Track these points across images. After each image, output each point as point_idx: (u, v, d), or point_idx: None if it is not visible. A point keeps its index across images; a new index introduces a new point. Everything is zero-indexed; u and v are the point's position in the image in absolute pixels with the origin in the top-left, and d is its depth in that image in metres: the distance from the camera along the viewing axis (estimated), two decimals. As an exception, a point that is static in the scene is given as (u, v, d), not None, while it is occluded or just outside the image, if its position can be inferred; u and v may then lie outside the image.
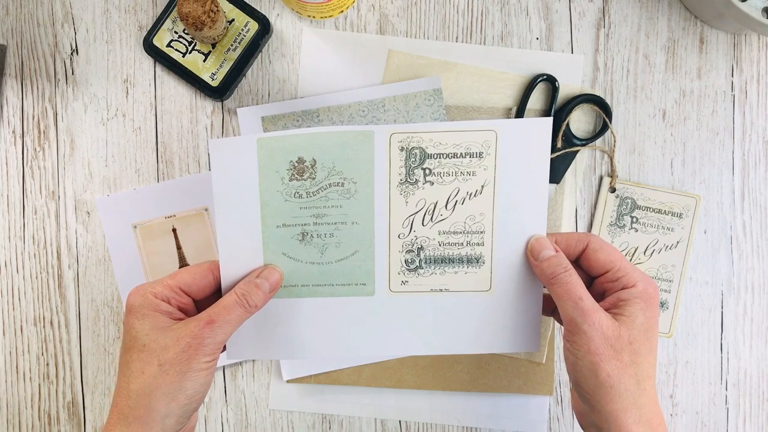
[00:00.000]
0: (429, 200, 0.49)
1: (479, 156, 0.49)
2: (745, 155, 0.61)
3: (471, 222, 0.50)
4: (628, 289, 0.46)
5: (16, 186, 0.59)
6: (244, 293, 0.46)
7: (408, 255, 0.50)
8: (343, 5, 0.57)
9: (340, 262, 0.50)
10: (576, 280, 0.46)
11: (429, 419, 0.60)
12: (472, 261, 0.50)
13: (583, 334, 0.44)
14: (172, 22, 0.57)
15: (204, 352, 0.43)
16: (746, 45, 0.61)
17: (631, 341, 0.44)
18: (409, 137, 0.48)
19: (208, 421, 0.60)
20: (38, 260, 0.59)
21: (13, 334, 0.59)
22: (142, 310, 0.44)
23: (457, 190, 0.49)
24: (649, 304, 0.45)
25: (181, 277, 0.46)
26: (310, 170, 0.48)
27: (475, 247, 0.50)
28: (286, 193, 0.48)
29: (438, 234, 0.50)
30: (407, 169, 0.49)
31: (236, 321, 0.45)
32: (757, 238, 0.61)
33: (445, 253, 0.50)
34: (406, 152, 0.49)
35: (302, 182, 0.48)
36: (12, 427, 0.59)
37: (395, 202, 0.49)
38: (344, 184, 0.49)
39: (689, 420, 0.61)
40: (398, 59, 0.59)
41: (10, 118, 0.59)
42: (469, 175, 0.49)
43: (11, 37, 0.59)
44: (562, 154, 0.59)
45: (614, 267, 0.47)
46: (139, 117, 0.59)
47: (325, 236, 0.49)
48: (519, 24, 0.60)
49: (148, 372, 0.43)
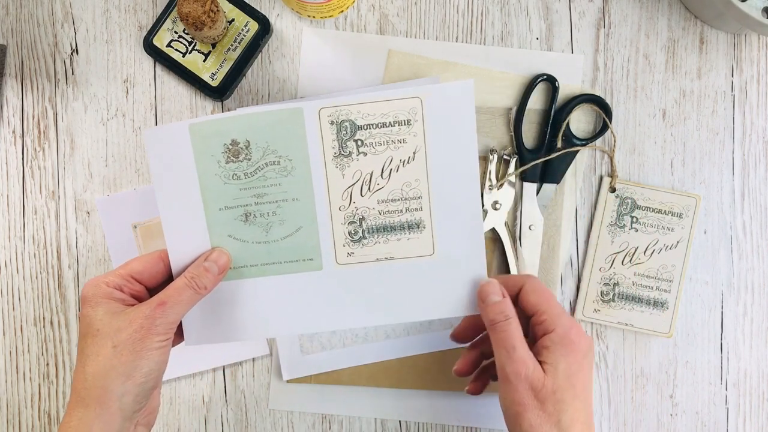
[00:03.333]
0: (365, 171, 0.50)
1: (407, 123, 0.49)
2: (745, 155, 0.61)
3: (407, 188, 0.50)
4: (549, 334, 0.47)
5: (16, 186, 0.59)
6: (194, 276, 0.47)
7: (351, 227, 0.50)
8: (343, 5, 0.57)
9: (285, 239, 0.50)
10: (514, 329, 0.46)
11: (429, 419, 0.60)
12: (413, 227, 0.51)
13: (510, 384, 0.45)
14: (172, 22, 0.57)
15: (156, 332, 0.45)
16: (746, 45, 0.61)
17: (555, 390, 0.45)
18: (338, 110, 0.49)
19: (208, 421, 0.60)
20: (38, 260, 0.59)
21: (13, 334, 0.59)
22: (95, 298, 0.45)
23: (390, 159, 0.50)
24: (570, 349, 0.46)
25: (132, 265, 0.47)
26: (245, 151, 0.49)
27: (414, 213, 0.50)
28: (224, 175, 0.49)
29: (377, 203, 0.50)
30: (340, 142, 0.49)
31: (187, 302, 0.47)
32: (757, 238, 0.61)
33: (386, 221, 0.50)
34: (336, 126, 0.49)
35: (239, 164, 0.49)
36: (12, 427, 0.59)
37: (332, 176, 0.50)
38: (280, 162, 0.49)
39: (689, 420, 0.61)
40: (398, 59, 0.59)
41: (10, 118, 0.59)
42: (400, 143, 0.50)
43: (11, 37, 0.59)
44: (562, 154, 0.59)
45: (539, 310, 0.48)
46: (139, 117, 0.59)
47: (268, 215, 0.50)
48: (519, 24, 0.60)
49: (102, 354, 0.44)
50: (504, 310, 0.47)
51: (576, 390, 0.46)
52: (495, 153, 0.59)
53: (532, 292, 0.48)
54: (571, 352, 0.46)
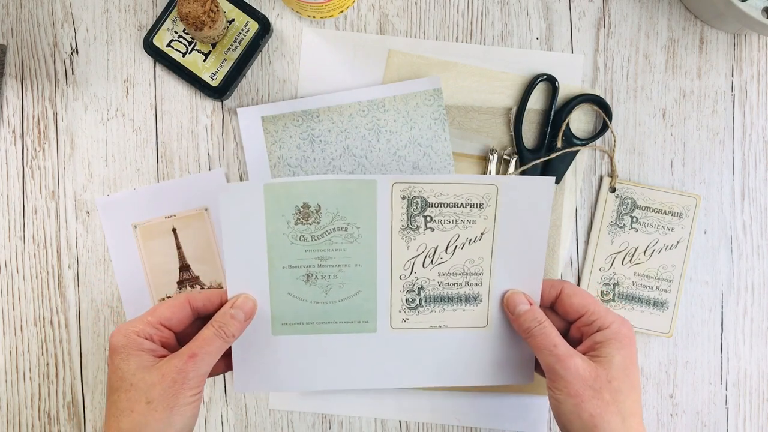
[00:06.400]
0: (430, 245, 0.51)
1: (480, 207, 0.51)
2: (745, 155, 0.61)
3: (470, 265, 0.52)
4: (602, 331, 0.48)
5: (16, 186, 0.59)
6: (221, 324, 0.48)
7: (409, 294, 0.52)
8: (343, 5, 0.57)
9: (343, 301, 0.51)
10: (550, 330, 0.48)
11: (429, 419, 0.60)
12: (470, 299, 0.52)
13: (561, 379, 0.46)
14: (172, 22, 0.57)
15: (189, 386, 0.45)
16: (746, 45, 0.61)
17: (610, 380, 0.46)
18: (411, 187, 0.50)
19: (208, 421, 0.60)
20: (38, 260, 0.59)
21: (13, 334, 0.59)
22: (126, 350, 0.45)
23: (457, 236, 0.51)
24: (624, 343, 0.47)
25: (161, 312, 0.47)
26: (315, 215, 0.50)
27: (473, 287, 0.52)
28: (292, 236, 0.50)
29: (438, 275, 0.52)
30: (409, 216, 0.51)
31: (216, 352, 0.47)
32: (757, 238, 0.61)
33: (444, 292, 0.52)
34: (407, 201, 0.51)
35: (307, 226, 0.50)
36: (12, 427, 0.59)
37: (397, 247, 0.51)
38: (348, 228, 0.50)
39: (689, 420, 0.61)
40: (398, 59, 0.59)
41: (10, 118, 0.59)
42: (469, 224, 0.51)
43: (11, 37, 0.59)
44: (562, 154, 0.59)
45: (588, 311, 0.49)
46: (139, 117, 0.59)
47: (329, 277, 0.51)
48: (519, 24, 0.60)
49: (137, 410, 0.44)
50: (536, 317, 0.49)
51: (632, 381, 0.47)
52: (495, 153, 0.59)
53: (574, 295, 0.50)
54: (626, 346, 0.47)
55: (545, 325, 0.48)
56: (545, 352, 0.47)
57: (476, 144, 0.59)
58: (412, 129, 0.58)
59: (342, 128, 0.58)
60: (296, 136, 0.58)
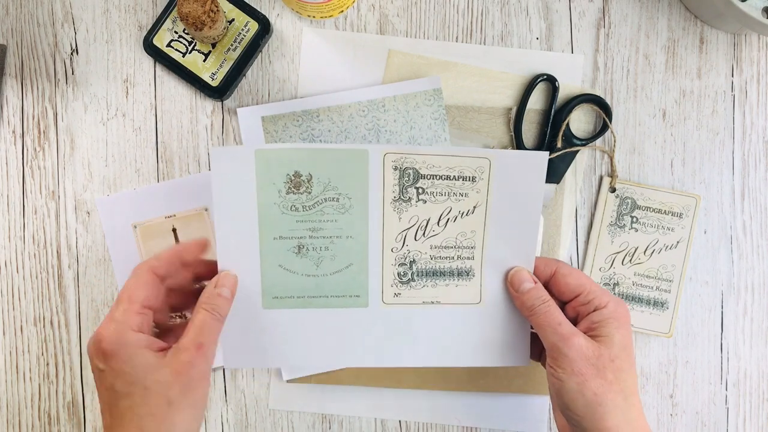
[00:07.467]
0: (422, 217, 0.51)
1: (472, 180, 0.50)
2: (745, 155, 0.61)
3: (462, 238, 0.51)
4: (600, 310, 0.48)
5: (16, 186, 0.59)
6: (213, 307, 0.46)
7: (401, 268, 0.51)
8: (343, 5, 0.57)
9: (334, 274, 0.51)
10: (554, 308, 0.48)
11: (429, 419, 0.60)
12: (462, 274, 0.51)
13: (565, 357, 0.46)
14: (172, 22, 0.57)
15: (204, 377, 0.44)
16: (746, 45, 0.61)
17: (613, 359, 0.46)
18: (403, 158, 0.50)
19: (208, 421, 0.60)
20: (38, 260, 0.59)
21: (13, 334, 0.59)
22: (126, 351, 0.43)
23: (449, 209, 0.51)
24: (621, 323, 0.47)
25: (137, 295, 0.45)
26: (307, 184, 0.49)
27: (465, 261, 0.51)
28: (283, 205, 0.49)
29: (430, 248, 0.51)
30: (401, 187, 0.50)
31: (217, 335, 0.46)
32: (757, 238, 0.61)
33: (437, 266, 0.51)
34: (399, 171, 0.50)
35: (299, 196, 0.49)
36: (12, 427, 0.59)
37: (389, 218, 0.50)
38: (339, 199, 0.50)
39: (689, 420, 0.61)
40: (398, 59, 0.59)
41: (10, 118, 0.59)
42: (462, 196, 0.50)
43: (11, 37, 0.59)
44: (562, 154, 0.59)
45: (584, 290, 0.48)
46: (139, 117, 0.59)
47: (321, 249, 0.50)
48: (519, 24, 0.60)
49: (158, 413, 0.42)
50: (540, 295, 0.48)
51: (631, 360, 0.47)
52: (495, 153, 0.59)
53: (569, 275, 0.49)
54: (623, 325, 0.47)
55: (549, 304, 0.48)
56: (549, 330, 0.47)
57: (476, 144, 0.59)
58: (412, 129, 0.58)
59: (342, 128, 0.58)
60: (296, 136, 0.58)
